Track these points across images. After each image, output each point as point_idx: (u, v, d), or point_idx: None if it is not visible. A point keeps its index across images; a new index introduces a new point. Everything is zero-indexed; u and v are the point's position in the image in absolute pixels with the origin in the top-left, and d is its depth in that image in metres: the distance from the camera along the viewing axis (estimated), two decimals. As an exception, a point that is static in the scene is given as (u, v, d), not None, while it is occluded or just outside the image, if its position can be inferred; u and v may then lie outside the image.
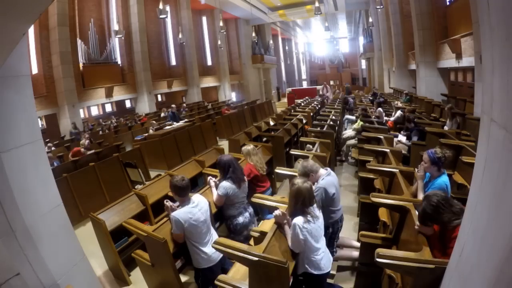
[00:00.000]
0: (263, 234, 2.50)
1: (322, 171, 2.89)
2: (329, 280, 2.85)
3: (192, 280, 3.20)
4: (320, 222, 2.36)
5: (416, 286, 1.78)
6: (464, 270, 1.33)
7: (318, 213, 2.36)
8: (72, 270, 2.40)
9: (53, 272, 2.21)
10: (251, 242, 2.87)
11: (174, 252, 2.69)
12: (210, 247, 2.53)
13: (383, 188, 3.56)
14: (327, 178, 2.82)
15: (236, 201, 3.13)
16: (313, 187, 2.58)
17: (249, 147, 3.86)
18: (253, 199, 3.02)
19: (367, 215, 3.51)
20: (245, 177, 3.27)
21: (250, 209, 3.27)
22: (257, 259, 2.00)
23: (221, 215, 3.63)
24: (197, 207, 2.59)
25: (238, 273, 2.50)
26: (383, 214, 2.95)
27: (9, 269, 1.56)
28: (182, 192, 2.57)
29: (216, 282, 2.24)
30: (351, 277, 3.01)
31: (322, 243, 2.37)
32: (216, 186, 3.17)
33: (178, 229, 2.52)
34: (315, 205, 2.33)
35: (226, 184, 3.06)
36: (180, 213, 2.51)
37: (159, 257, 2.68)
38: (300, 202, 2.23)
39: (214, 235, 2.75)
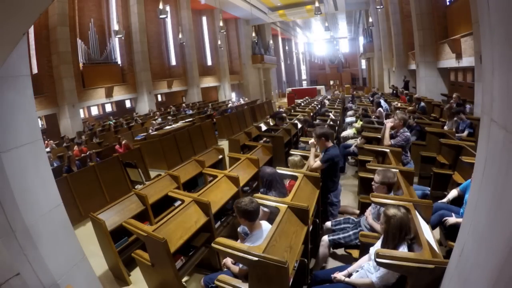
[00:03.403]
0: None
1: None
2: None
3: (192, 280, 3.20)
4: None
5: (416, 286, 1.78)
6: (464, 270, 1.33)
7: None
8: (72, 270, 2.40)
9: (53, 272, 2.21)
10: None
11: (174, 252, 2.69)
12: None
13: (383, 188, 3.55)
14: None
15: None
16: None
17: (296, 158, 3.68)
18: (254, 198, 3.01)
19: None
20: (287, 191, 3.16)
21: None
22: (257, 259, 2.00)
23: (222, 214, 3.64)
24: None
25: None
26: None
27: (9, 269, 1.56)
28: (252, 217, 2.33)
29: (216, 282, 2.24)
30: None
31: None
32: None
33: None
34: None
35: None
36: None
37: (159, 257, 2.68)
38: (403, 235, 2.05)
39: None
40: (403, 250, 2.02)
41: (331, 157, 3.33)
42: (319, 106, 11.78)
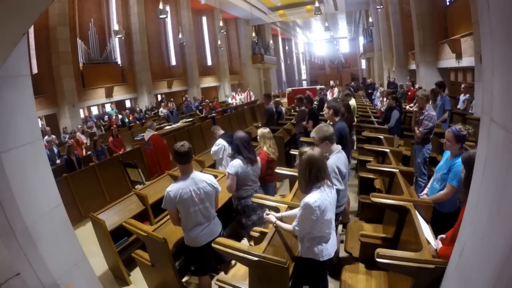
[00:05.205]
0: (263, 234, 2.50)
1: (335, 146, 2.67)
2: None
3: (192, 280, 3.20)
4: (334, 197, 2.12)
5: (416, 286, 1.78)
6: (464, 270, 1.33)
7: (332, 187, 2.11)
8: (72, 270, 2.40)
9: (53, 272, 2.21)
10: (251, 242, 2.87)
11: (174, 252, 2.69)
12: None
13: (383, 188, 3.56)
14: (337, 155, 2.60)
15: (248, 182, 3.06)
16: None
17: (265, 130, 3.73)
18: (253, 199, 3.01)
19: (367, 215, 3.51)
20: (257, 158, 3.21)
21: (262, 192, 3.21)
22: (257, 259, 2.00)
23: (223, 214, 3.64)
24: (194, 184, 2.42)
25: (238, 273, 2.50)
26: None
27: (9, 269, 1.56)
28: (182, 159, 2.43)
29: (216, 282, 2.24)
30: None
31: (333, 224, 2.12)
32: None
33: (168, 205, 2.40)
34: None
35: (235, 163, 2.99)
36: (173, 188, 2.38)
37: (159, 257, 2.68)
38: (314, 173, 1.98)
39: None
40: (315, 194, 1.96)
41: (337, 131, 3.40)
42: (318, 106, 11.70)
